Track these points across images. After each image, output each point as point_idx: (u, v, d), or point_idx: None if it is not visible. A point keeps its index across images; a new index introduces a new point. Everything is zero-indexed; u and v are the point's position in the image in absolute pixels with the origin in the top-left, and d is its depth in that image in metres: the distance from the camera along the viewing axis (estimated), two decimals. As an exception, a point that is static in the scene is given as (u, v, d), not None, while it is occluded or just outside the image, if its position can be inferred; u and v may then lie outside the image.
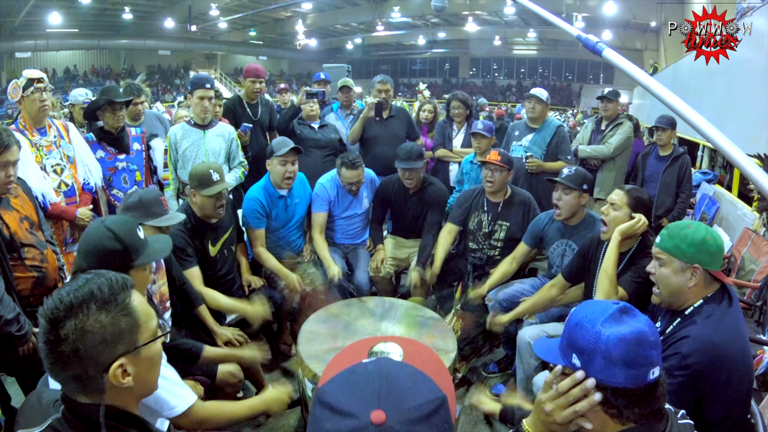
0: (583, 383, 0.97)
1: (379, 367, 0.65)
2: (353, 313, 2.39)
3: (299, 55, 28.94)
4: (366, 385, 0.62)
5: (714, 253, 1.49)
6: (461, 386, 2.82)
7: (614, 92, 4.30)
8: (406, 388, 0.62)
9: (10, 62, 20.16)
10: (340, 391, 0.63)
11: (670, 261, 1.53)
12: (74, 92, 3.97)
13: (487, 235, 3.05)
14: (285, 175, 2.90)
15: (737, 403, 1.39)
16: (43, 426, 0.94)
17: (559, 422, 1.02)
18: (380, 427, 0.57)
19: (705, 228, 1.54)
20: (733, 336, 1.42)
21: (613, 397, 0.95)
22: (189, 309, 2.30)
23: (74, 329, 0.87)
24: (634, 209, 2.13)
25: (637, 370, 0.93)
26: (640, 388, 0.94)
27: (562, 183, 2.54)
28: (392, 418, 0.58)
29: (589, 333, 0.96)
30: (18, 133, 2.46)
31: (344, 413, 0.59)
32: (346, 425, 0.58)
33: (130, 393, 0.96)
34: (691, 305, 1.51)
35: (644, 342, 0.94)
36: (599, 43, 1.71)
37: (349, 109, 4.24)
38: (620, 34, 19.60)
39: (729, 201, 5.01)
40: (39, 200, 2.45)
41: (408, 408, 0.59)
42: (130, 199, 2.01)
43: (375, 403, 0.59)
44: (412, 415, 0.59)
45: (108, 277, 0.95)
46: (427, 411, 0.60)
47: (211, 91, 3.19)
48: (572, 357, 0.99)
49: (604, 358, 0.94)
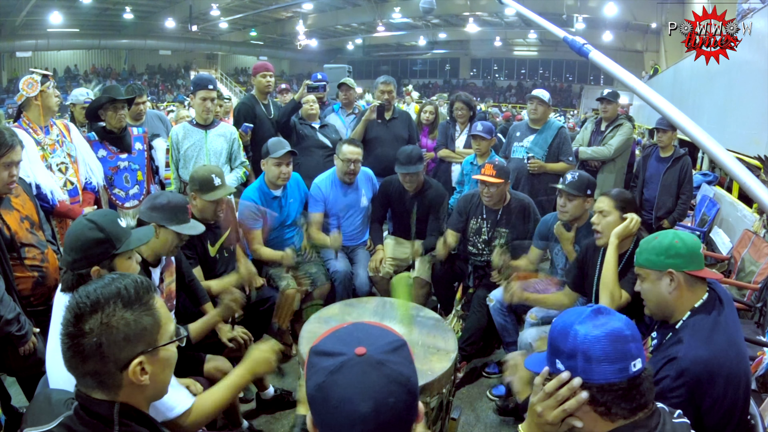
0: (569, 383, 1.01)
1: (355, 325, 0.85)
2: (353, 313, 2.38)
3: (300, 55, 28.96)
4: (348, 334, 0.81)
5: (685, 254, 1.50)
6: (461, 386, 2.82)
7: (614, 93, 4.30)
8: (378, 333, 0.82)
9: (11, 62, 20.19)
10: (328, 341, 0.81)
11: (646, 274, 1.56)
12: (75, 92, 3.97)
13: (487, 242, 3.05)
14: (279, 176, 2.94)
15: (736, 408, 1.38)
16: (54, 423, 0.95)
17: (551, 422, 1.04)
18: (363, 356, 0.75)
19: (672, 233, 1.57)
20: (726, 345, 1.40)
21: (599, 394, 0.99)
22: (196, 305, 2.32)
23: (99, 324, 0.90)
24: (624, 210, 2.14)
25: (617, 365, 0.97)
26: (623, 383, 0.98)
27: (566, 191, 2.52)
28: (371, 350, 0.76)
29: (567, 336, 1.01)
30: (22, 131, 2.46)
31: (335, 354, 0.77)
32: (335, 361, 0.76)
33: (143, 393, 0.98)
34: (680, 318, 1.51)
35: (620, 337, 0.98)
36: (585, 45, 1.72)
37: (350, 108, 4.24)
38: (621, 36, 19.60)
39: (729, 202, 5.01)
40: (48, 198, 2.46)
41: (382, 343, 0.78)
42: (158, 199, 2.02)
43: (357, 343, 0.77)
44: (385, 348, 0.78)
45: (133, 278, 0.98)
46: (396, 345, 0.79)
47: (213, 92, 3.20)
48: (556, 363, 1.04)
49: (584, 357, 0.98)
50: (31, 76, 2.53)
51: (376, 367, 0.75)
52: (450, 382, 2.00)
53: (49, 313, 1.55)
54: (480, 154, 3.49)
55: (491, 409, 2.67)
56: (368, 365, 0.75)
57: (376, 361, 0.75)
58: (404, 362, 0.78)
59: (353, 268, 3.19)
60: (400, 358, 0.77)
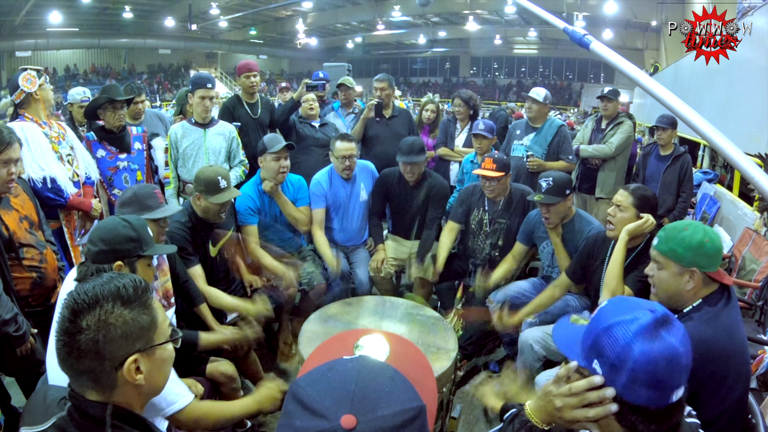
0: (601, 390, 0.90)
1: (358, 367, 0.63)
2: (353, 312, 2.38)
3: (300, 54, 28.93)
4: (341, 385, 0.60)
5: (712, 255, 1.47)
6: (462, 384, 2.82)
7: (614, 91, 4.30)
8: (383, 394, 0.60)
9: (11, 61, 20.15)
10: (314, 388, 0.61)
11: (667, 264, 1.51)
12: (72, 91, 3.98)
13: (488, 234, 3.05)
14: (279, 170, 2.91)
15: (732, 402, 1.38)
16: (47, 424, 0.95)
17: (567, 419, 0.98)
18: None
19: (703, 229, 1.51)
20: (728, 334, 1.41)
21: (629, 413, 0.89)
22: (190, 307, 2.30)
23: (97, 320, 0.90)
24: (641, 209, 2.11)
25: (661, 393, 0.87)
26: (659, 409, 0.88)
27: (546, 202, 2.52)
28: (363, 425, 0.56)
29: (618, 345, 0.88)
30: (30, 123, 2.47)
31: (315, 413, 0.58)
32: (314, 425, 0.57)
33: (138, 392, 0.97)
34: (690, 305, 1.50)
35: (675, 365, 0.87)
36: (586, 36, 1.70)
37: (350, 107, 4.23)
38: (621, 34, 19.60)
39: (730, 200, 5.00)
40: (63, 192, 2.49)
41: (381, 416, 0.57)
42: (126, 195, 2.02)
43: (348, 406, 0.57)
44: (384, 424, 0.57)
45: (131, 277, 0.99)
46: (400, 421, 0.57)
47: (212, 91, 3.19)
48: (593, 362, 0.92)
49: (629, 376, 0.87)
50: (27, 72, 2.51)
51: None
52: (450, 381, 2.00)
53: (48, 314, 1.55)
54: (481, 153, 3.48)
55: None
56: None
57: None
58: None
59: (353, 267, 3.17)
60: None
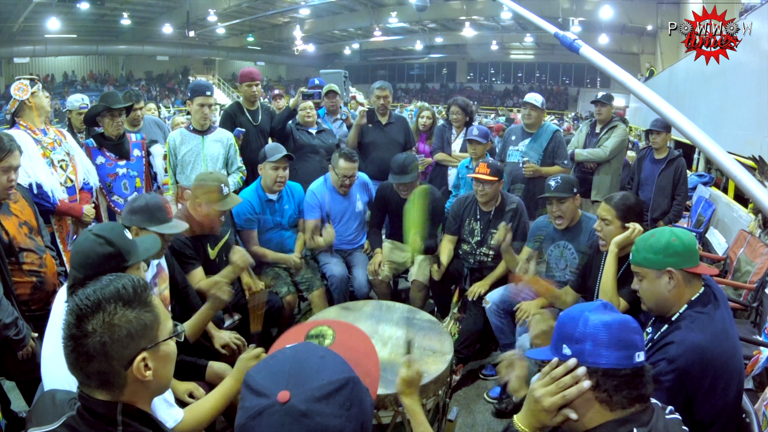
0: (574, 371, 1.03)
1: (294, 351, 0.74)
2: (351, 316, 2.40)
3: (297, 60, 28.99)
4: (279, 367, 0.72)
5: (682, 252, 1.51)
6: (459, 389, 2.83)
7: (608, 96, 4.35)
8: (313, 370, 0.70)
9: (9, 68, 20.19)
10: (259, 373, 0.72)
11: (645, 273, 1.56)
12: (71, 98, 4.00)
13: (480, 243, 3.08)
14: (276, 179, 2.97)
15: (727, 404, 1.40)
16: (58, 423, 0.96)
17: (547, 408, 1.05)
18: (284, 405, 0.66)
19: (669, 231, 1.56)
20: (721, 338, 1.43)
21: (603, 379, 1.01)
22: (189, 313, 2.31)
23: (102, 323, 0.92)
24: (625, 219, 2.13)
25: (624, 352, 1.01)
26: (628, 370, 1.01)
27: (557, 196, 2.56)
28: (296, 397, 0.67)
29: (577, 322, 1.05)
30: (21, 132, 2.49)
31: (259, 393, 0.69)
32: (258, 403, 0.68)
33: (147, 389, 1.00)
34: (677, 311, 1.52)
35: (628, 327, 1.03)
36: (576, 41, 1.73)
37: (336, 114, 4.29)
38: (617, 38, 19.71)
39: (725, 203, 5.03)
40: (49, 197, 2.49)
41: (311, 387, 0.68)
42: (136, 202, 2.01)
43: (283, 383, 0.68)
44: (314, 394, 0.67)
45: (130, 278, 1.01)
46: (329, 390, 0.68)
47: (211, 98, 3.23)
48: (562, 348, 1.06)
49: (593, 341, 1.02)
50: (19, 81, 2.55)
51: (297, 420, 0.66)
52: (446, 384, 2.01)
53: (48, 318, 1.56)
54: (476, 158, 3.51)
55: (488, 411, 2.68)
56: (288, 416, 0.66)
57: (299, 411, 0.66)
58: (336, 412, 0.68)
59: (351, 270, 3.20)
60: (330, 408, 0.67)
